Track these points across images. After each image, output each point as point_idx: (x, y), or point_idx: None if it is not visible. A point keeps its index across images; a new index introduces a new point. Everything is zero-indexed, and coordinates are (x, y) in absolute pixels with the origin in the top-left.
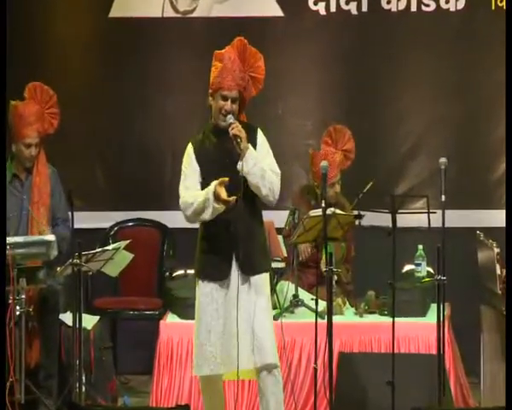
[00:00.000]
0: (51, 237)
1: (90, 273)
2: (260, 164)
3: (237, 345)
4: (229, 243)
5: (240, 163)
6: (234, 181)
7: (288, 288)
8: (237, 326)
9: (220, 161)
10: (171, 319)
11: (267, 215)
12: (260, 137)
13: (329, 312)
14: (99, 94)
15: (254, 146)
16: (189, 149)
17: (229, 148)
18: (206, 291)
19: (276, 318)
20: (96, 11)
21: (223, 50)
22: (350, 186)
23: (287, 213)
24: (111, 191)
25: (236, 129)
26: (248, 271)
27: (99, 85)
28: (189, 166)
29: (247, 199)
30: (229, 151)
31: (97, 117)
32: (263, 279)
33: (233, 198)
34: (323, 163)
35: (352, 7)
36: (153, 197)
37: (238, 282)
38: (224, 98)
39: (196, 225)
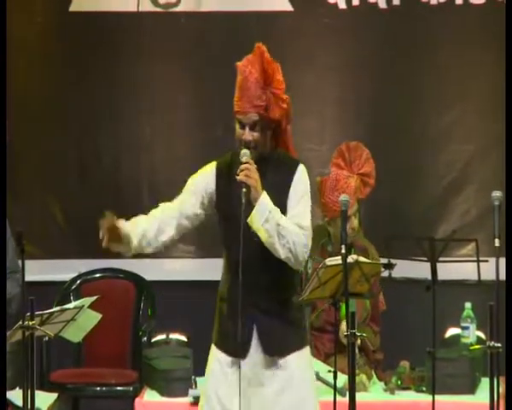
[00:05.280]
0: None
1: (46, 339)
2: (276, 219)
3: None
4: (249, 310)
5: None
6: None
7: None
8: None
9: (238, 207)
10: (149, 396)
11: None
12: (298, 177)
13: (352, 388)
14: (57, 107)
15: (287, 188)
16: (212, 169)
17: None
18: (221, 360)
19: None
20: (53, 3)
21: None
22: (376, 227)
23: None
24: (72, 234)
25: (243, 173)
26: (272, 351)
27: (58, 96)
28: (196, 184)
29: (271, 256)
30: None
31: (55, 136)
32: (298, 360)
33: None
34: (343, 197)
35: None
36: None
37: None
38: (241, 125)
39: (183, 277)
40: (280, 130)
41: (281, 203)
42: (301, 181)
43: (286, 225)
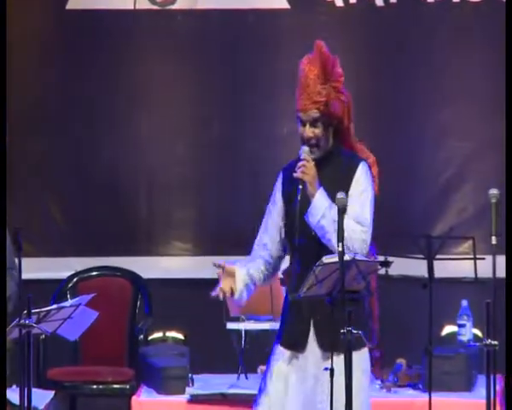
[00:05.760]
0: None
1: (43, 337)
2: (333, 215)
3: None
4: (308, 306)
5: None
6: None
7: None
8: None
9: (302, 203)
10: (146, 394)
11: None
12: (359, 174)
13: (348, 386)
14: (53, 107)
15: (348, 185)
16: (279, 181)
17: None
18: (279, 357)
19: None
20: (50, 1)
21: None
22: (373, 224)
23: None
24: (69, 232)
25: (300, 170)
26: (327, 345)
27: (54, 97)
28: (272, 200)
29: (329, 252)
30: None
31: (52, 137)
32: (354, 361)
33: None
34: (340, 195)
35: None
36: (123, 240)
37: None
38: (302, 122)
39: (180, 275)
40: (342, 127)
41: None
42: (362, 178)
43: (344, 220)
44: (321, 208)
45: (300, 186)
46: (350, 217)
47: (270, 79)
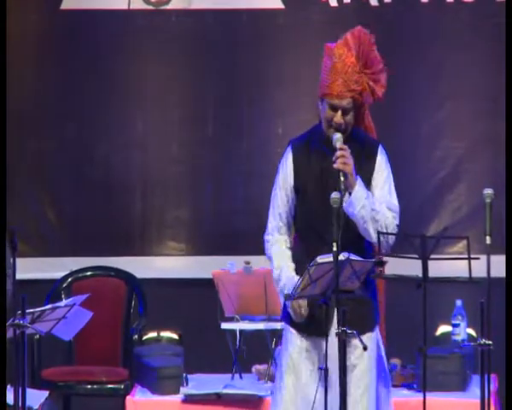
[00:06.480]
0: None
1: (37, 337)
2: (370, 205)
3: None
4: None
5: (344, 204)
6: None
7: None
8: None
9: (324, 182)
10: (140, 394)
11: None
12: (380, 156)
13: (343, 386)
14: (49, 107)
15: (371, 171)
16: (288, 155)
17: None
18: (299, 346)
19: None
20: (45, 1)
21: (334, 44)
22: None
23: None
24: (64, 232)
25: (340, 161)
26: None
27: (49, 97)
28: (282, 182)
29: (353, 239)
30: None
31: (46, 137)
32: (370, 340)
33: (304, 312)
34: (335, 195)
35: None
36: (117, 240)
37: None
38: (333, 108)
39: (174, 275)
40: (364, 108)
41: (365, 182)
42: (383, 162)
43: (379, 208)
44: (361, 199)
45: (342, 178)
46: (381, 202)
47: (265, 79)
